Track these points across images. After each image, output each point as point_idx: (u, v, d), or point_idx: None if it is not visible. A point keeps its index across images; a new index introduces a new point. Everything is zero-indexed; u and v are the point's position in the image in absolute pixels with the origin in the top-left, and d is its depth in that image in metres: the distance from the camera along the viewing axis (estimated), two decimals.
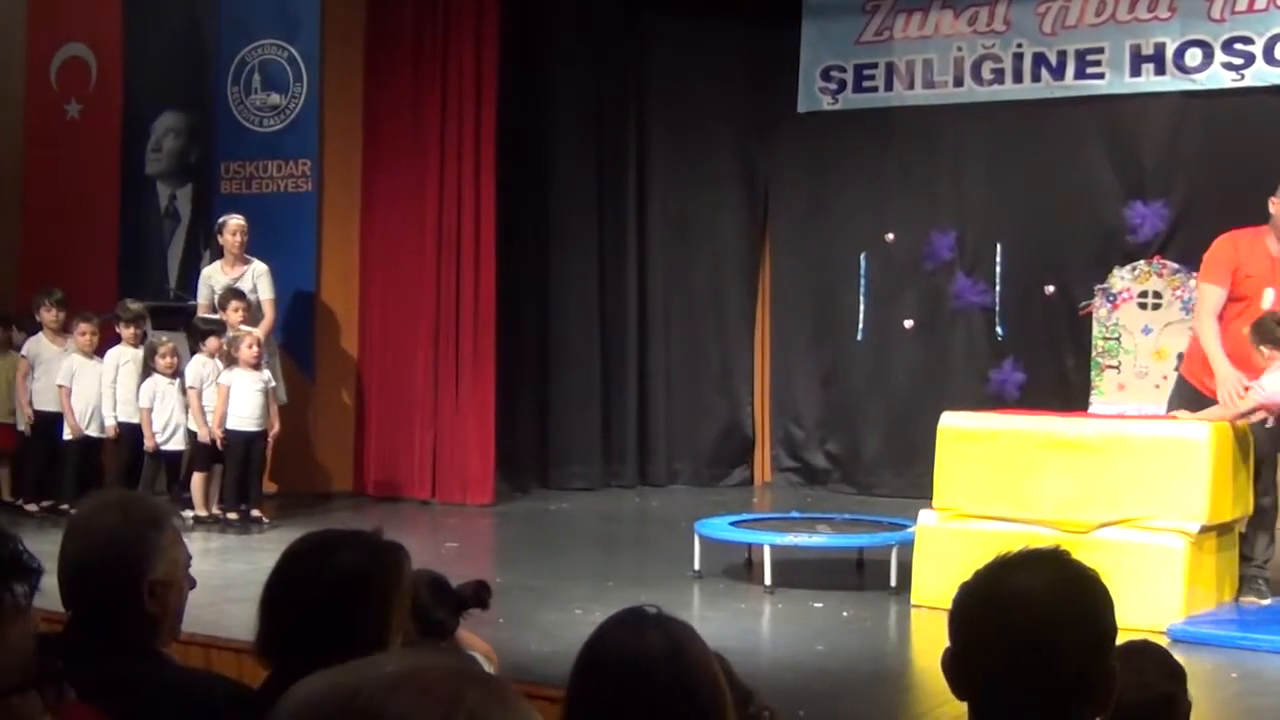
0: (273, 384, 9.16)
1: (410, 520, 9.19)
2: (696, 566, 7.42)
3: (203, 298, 9.75)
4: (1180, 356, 9.40)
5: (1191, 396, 6.94)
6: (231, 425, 8.90)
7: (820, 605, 6.83)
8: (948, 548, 6.38)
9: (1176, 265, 9.73)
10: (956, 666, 2.05)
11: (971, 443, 6.74)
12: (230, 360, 9.02)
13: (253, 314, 9.61)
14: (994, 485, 6.60)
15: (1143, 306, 9.72)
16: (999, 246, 10.34)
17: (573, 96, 11.13)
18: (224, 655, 5.18)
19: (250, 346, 8.96)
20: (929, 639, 6.15)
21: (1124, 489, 6.34)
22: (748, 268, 11.42)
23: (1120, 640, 3.10)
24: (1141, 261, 9.80)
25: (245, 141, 10.66)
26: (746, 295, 11.43)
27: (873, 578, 7.33)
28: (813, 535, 7.42)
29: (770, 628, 6.54)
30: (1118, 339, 9.74)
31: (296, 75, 10.56)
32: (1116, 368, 9.69)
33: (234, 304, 9.36)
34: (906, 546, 6.91)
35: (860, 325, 10.83)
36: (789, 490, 10.95)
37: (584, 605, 6.20)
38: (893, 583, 7.00)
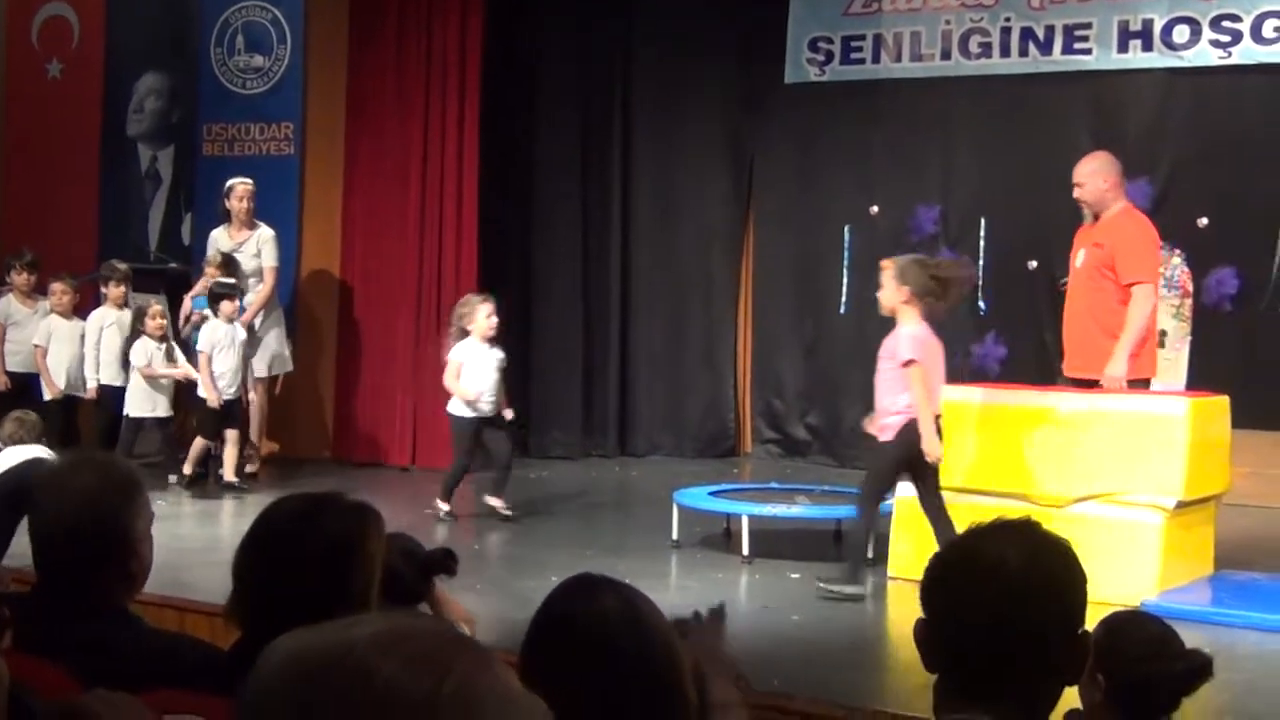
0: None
1: (390, 486, 9.19)
2: (675, 536, 7.45)
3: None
4: (1164, 333, 9.48)
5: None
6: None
7: (797, 576, 6.86)
8: (925, 520, 6.39)
9: (1160, 242, 9.73)
10: (930, 636, 2.05)
11: (950, 416, 6.76)
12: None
13: (247, 280, 9.60)
14: (972, 459, 6.63)
15: None
16: (983, 221, 10.35)
17: (558, 66, 11.09)
18: (197, 618, 5.18)
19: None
20: (905, 610, 6.19)
21: (1102, 464, 6.37)
22: (732, 239, 11.41)
23: (1104, 612, 3.16)
24: None
25: (228, 103, 10.62)
26: (730, 267, 11.43)
27: (851, 549, 7.34)
28: (791, 506, 7.44)
29: (747, 597, 6.56)
30: None
31: (280, 37, 10.51)
32: None
33: (212, 270, 9.34)
34: (884, 519, 6.93)
35: (843, 298, 10.84)
36: (769, 462, 10.97)
37: (562, 573, 6.16)
38: (870, 554, 7.02)
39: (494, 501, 8.17)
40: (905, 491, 6.81)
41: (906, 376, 6.31)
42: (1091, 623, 2.86)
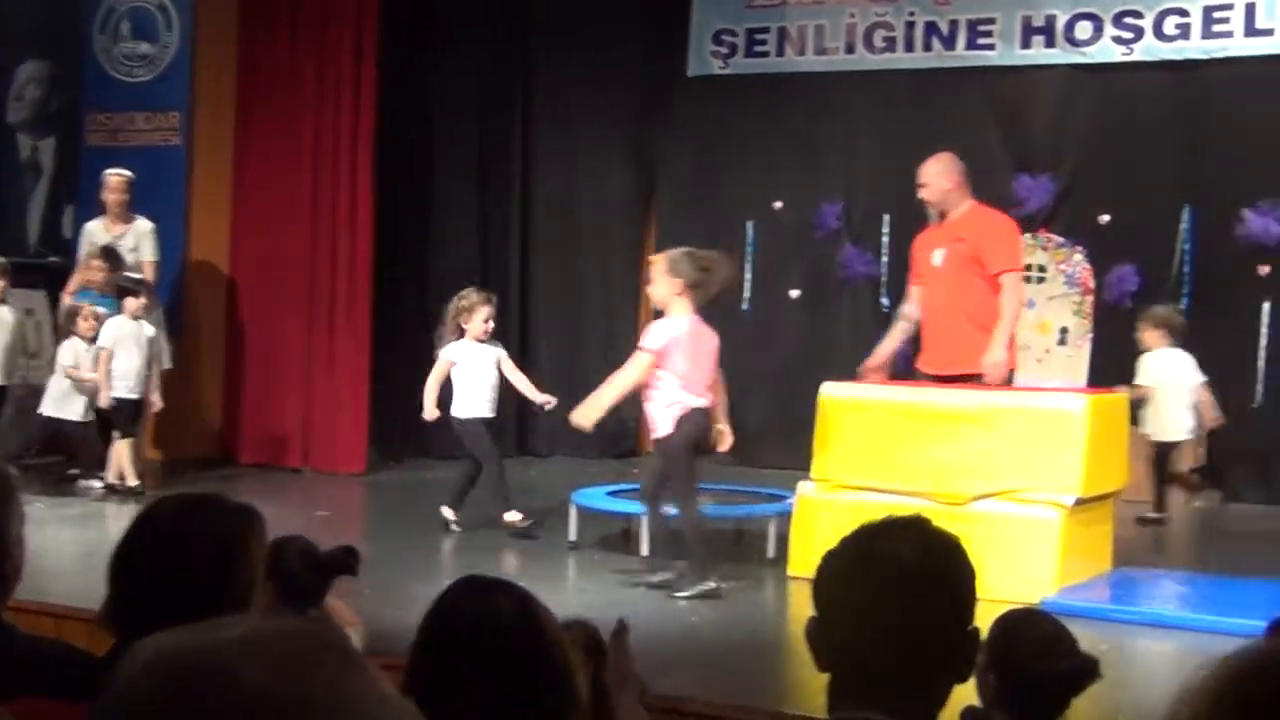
0: None
1: (281, 489, 9.11)
2: (573, 537, 7.47)
3: (84, 255, 9.56)
4: (1065, 330, 9.65)
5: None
6: None
7: None
8: (825, 519, 6.46)
9: (1061, 239, 9.92)
10: (822, 635, 2.07)
11: (850, 413, 6.84)
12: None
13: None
14: (872, 456, 6.70)
15: (1026, 280, 9.86)
16: (886, 217, 10.45)
17: (456, 60, 11.06)
18: (75, 625, 5.11)
19: None
20: (805, 610, 6.23)
21: (1001, 461, 6.47)
22: (632, 236, 11.43)
23: (1002, 609, 3.21)
24: (1027, 235, 9.95)
25: (112, 91, 10.45)
26: (631, 264, 11.44)
27: (750, 549, 7.41)
28: None
29: (645, 599, 6.59)
30: None
31: (167, 24, 10.37)
32: None
33: (97, 263, 9.18)
34: (785, 518, 7.00)
35: (746, 295, 10.90)
36: None
37: (455, 576, 6.19)
38: (770, 554, 7.10)
39: (449, 514, 7.91)
40: (805, 490, 6.88)
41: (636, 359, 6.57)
42: (988, 620, 2.93)
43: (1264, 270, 9.42)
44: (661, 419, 6.55)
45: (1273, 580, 6.70)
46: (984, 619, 2.47)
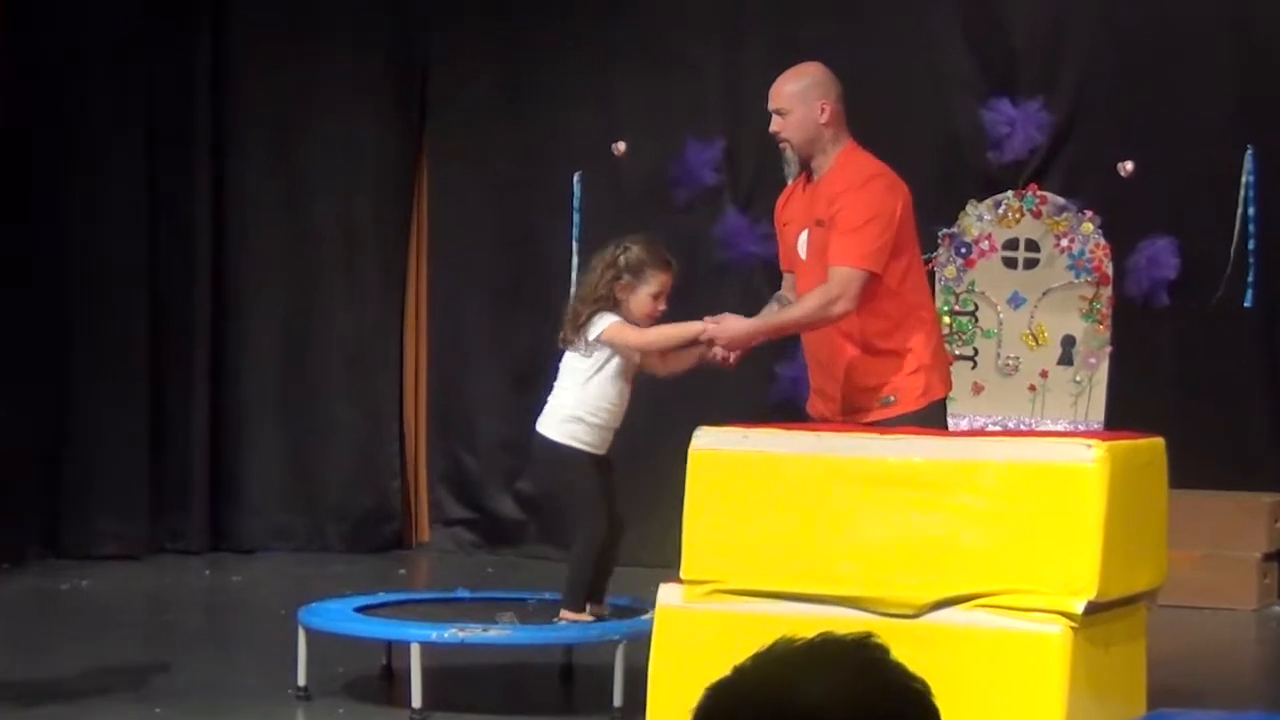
0: None
1: None
2: (301, 680, 7.43)
3: None
4: (1071, 339, 9.76)
5: None
6: None
7: None
8: (701, 642, 6.48)
9: (1062, 200, 10.05)
10: None
11: (739, 476, 6.85)
12: None
13: None
14: (772, 543, 6.73)
15: (1011, 264, 10.02)
16: None
17: None
18: None
19: None
20: None
21: (973, 546, 6.53)
22: (394, 195, 11.44)
23: None
24: (1009, 193, 10.09)
25: None
26: (391, 238, 11.44)
27: (587, 693, 7.47)
28: (489, 628, 7.46)
29: None
30: (973, 313, 10.02)
31: None
32: (971, 358, 9.97)
33: None
34: (639, 643, 7.01)
35: (574, 286, 10.92)
36: (458, 556, 10.99)
37: None
38: (617, 701, 7.11)
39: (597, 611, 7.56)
40: (669, 598, 6.89)
41: None
42: None
43: None
44: None
45: None
46: None
